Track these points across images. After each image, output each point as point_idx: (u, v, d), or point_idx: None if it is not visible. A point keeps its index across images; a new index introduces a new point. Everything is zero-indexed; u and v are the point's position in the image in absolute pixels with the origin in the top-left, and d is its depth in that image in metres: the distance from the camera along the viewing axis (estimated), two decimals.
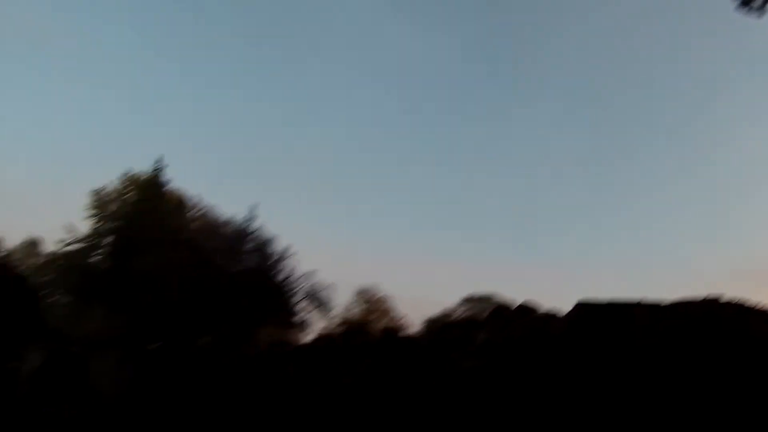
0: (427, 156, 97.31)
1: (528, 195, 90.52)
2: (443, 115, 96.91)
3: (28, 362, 9.76)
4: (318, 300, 40.82)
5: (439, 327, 6.73)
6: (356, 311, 46.54)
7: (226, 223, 43.10)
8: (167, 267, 36.18)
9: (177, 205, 44.71)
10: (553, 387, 5.71)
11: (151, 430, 17.79)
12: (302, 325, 37.50)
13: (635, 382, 4.79)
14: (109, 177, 44.68)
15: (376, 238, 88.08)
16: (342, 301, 50.36)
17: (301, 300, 40.83)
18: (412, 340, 7.71)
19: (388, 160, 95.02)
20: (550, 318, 5.32)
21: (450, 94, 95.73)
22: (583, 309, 4.88)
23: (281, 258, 40.63)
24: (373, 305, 49.50)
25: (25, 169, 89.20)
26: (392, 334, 7.99)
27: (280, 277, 40.43)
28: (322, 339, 10.36)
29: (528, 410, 5.97)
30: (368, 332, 8.43)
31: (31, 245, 50.82)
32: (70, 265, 41.57)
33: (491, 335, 6.27)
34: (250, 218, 40.27)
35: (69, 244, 42.57)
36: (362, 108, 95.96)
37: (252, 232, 40.35)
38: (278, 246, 40.94)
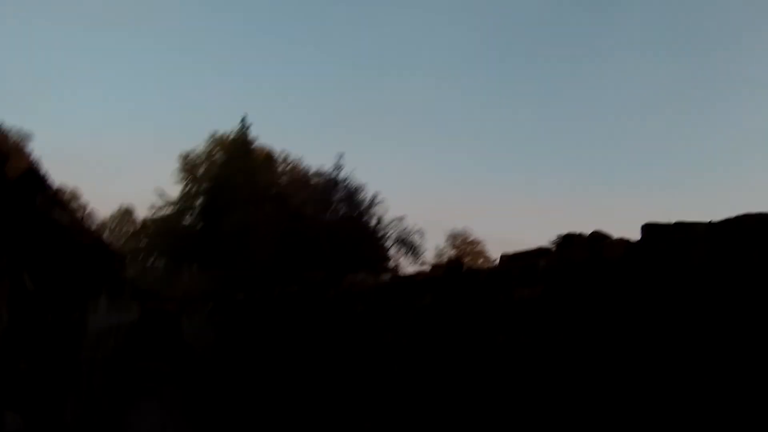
0: (515, 95, 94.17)
1: (616, 132, 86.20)
2: (529, 55, 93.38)
3: (94, 314, 9.03)
4: (408, 245, 39.82)
5: (507, 258, 5.97)
6: (447, 255, 45.52)
7: (315, 175, 42.54)
8: (258, 223, 35.98)
9: (265, 161, 44.64)
10: (611, 310, 4.57)
11: (236, 379, 17.29)
12: (394, 271, 36.59)
13: (698, 302, 3.74)
14: (196, 140, 45.09)
15: (470, 182, 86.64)
16: (434, 246, 49.49)
17: (391, 246, 40.00)
18: (475, 271, 6.86)
19: (475, 101, 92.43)
20: (619, 243, 4.39)
21: (535, 32, 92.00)
22: (649, 230, 3.94)
23: (370, 205, 39.70)
24: (464, 249, 48.40)
25: (115, 137, 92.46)
26: (456, 267, 7.16)
27: (370, 224, 39.58)
28: (395, 278, 9.58)
29: (584, 335, 4.79)
30: (439, 269, 7.74)
31: (125, 213, 52.34)
32: (162, 230, 42.21)
33: (552, 262, 5.26)
34: (338, 167, 39.40)
35: (161, 209, 43.25)
36: (447, 49, 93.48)
37: (340, 182, 39.51)
38: (367, 193, 39.98)
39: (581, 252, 5.41)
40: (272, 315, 14.90)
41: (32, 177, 6.14)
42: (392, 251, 39.96)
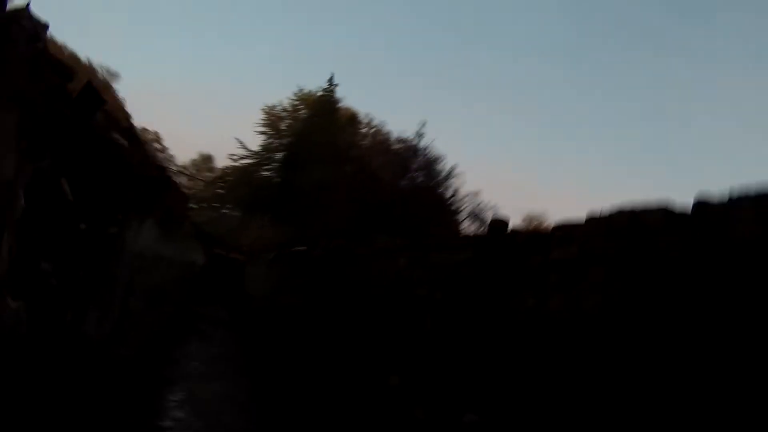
0: (602, 78, 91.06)
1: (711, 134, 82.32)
2: (623, 46, 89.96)
3: (136, 236, 8.86)
4: (481, 221, 38.91)
5: (554, 226, 5.56)
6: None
7: (396, 141, 42.02)
8: (335, 182, 35.87)
9: (348, 122, 44.39)
10: (647, 277, 4.03)
11: (288, 327, 17.12)
12: None
13: (741, 275, 3.22)
14: (282, 95, 45.38)
15: (554, 166, 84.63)
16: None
17: (464, 220, 39.22)
18: (517, 232, 6.45)
19: (562, 82, 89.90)
20: (660, 211, 3.86)
21: (634, 23, 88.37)
22: (699, 204, 3.45)
23: (447, 177, 38.99)
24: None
25: (202, 86, 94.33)
26: (500, 228, 6.76)
27: (445, 195, 38.90)
28: (439, 236, 9.17)
29: (615, 300, 4.28)
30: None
31: (205, 160, 53.19)
32: (240, 179, 42.61)
33: (591, 226, 4.79)
34: (419, 136, 38.73)
35: (240, 158, 43.63)
36: (546, 29, 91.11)
37: (420, 150, 38.89)
38: (445, 165, 39.25)
39: (621, 219, 4.83)
40: (325, 266, 14.74)
41: (92, 95, 6.02)
42: (464, 225, 39.19)
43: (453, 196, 38.92)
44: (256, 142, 44.23)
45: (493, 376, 5.97)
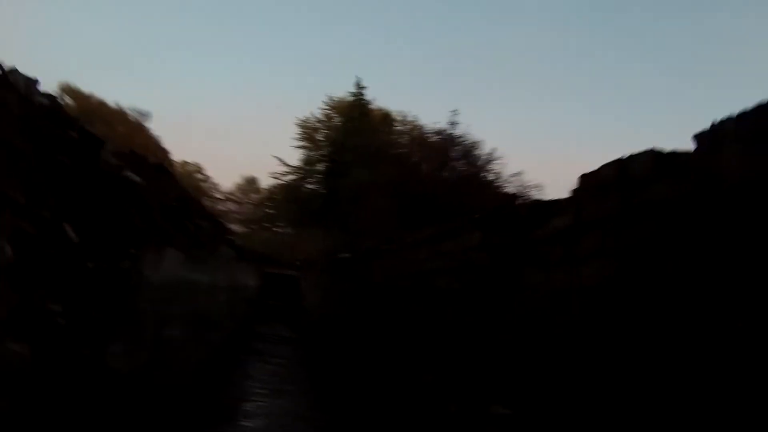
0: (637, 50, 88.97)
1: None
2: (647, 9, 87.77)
3: (156, 266, 9.00)
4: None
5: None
6: None
7: (432, 134, 41.87)
8: (377, 184, 35.93)
9: (382, 122, 44.52)
10: (639, 237, 3.79)
11: (341, 334, 17.15)
12: None
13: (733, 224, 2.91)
14: (313, 104, 46.01)
15: (594, 135, 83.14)
16: None
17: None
18: (521, 206, 6.35)
19: (591, 56, 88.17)
20: (647, 155, 3.67)
21: None
22: (698, 139, 3.20)
23: (488, 161, 38.56)
24: None
25: (237, 110, 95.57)
26: (508, 204, 6.73)
27: (488, 180, 38.45)
28: (451, 221, 9.13)
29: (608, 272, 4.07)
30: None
31: (249, 182, 54.06)
32: (286, 196, 43.19)
33: (581, 185, 4.61)
34: (454, 124, 38.38)
35: (283, 176, 44.23)
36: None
37: (457, 138, 38.56)
38: (484, 150, 38.83)
39: (609, 172, 4.52)
40: (361, 269, 14.83)
41: (89, 139, 6.17)
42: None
43: (495, 179, 38.53)
44: (296, 157, 44.84)
45: (513, 365, 5.85)
